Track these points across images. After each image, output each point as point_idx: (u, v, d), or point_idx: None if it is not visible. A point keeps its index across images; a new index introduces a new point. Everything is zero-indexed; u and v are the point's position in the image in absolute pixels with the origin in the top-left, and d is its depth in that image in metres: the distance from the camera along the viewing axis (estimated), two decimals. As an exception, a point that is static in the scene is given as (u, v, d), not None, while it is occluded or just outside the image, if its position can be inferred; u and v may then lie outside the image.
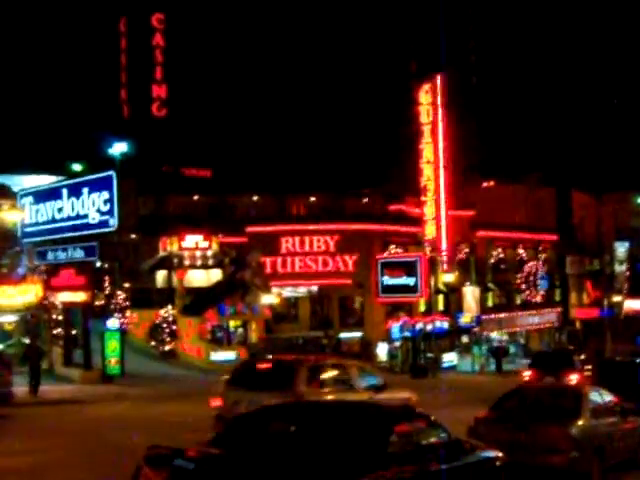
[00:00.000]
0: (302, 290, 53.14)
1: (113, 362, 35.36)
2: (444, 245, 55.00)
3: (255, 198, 69.60)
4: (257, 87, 73.30)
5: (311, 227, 52.69)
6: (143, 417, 24.10)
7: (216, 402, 17.47)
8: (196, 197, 68.19)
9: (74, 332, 36.93)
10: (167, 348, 44.76)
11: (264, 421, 9.38)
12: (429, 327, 49.09)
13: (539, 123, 78.46)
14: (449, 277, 54.96)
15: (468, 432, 13.85)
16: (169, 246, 50.28)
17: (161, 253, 51.23)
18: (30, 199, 35.97)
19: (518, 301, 63.21)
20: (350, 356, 47.86)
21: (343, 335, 51.09)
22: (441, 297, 55.42)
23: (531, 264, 63.23)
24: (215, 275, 50.85)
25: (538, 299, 63.35)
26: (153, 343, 45.29)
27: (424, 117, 56.32)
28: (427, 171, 55.98)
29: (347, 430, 8.93)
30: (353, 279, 51.38)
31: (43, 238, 35.46)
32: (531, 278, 63.03)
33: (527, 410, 14.71)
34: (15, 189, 39.63)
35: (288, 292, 52.89)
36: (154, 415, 24.60)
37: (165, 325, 44.98)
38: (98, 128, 57.45)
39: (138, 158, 53.46)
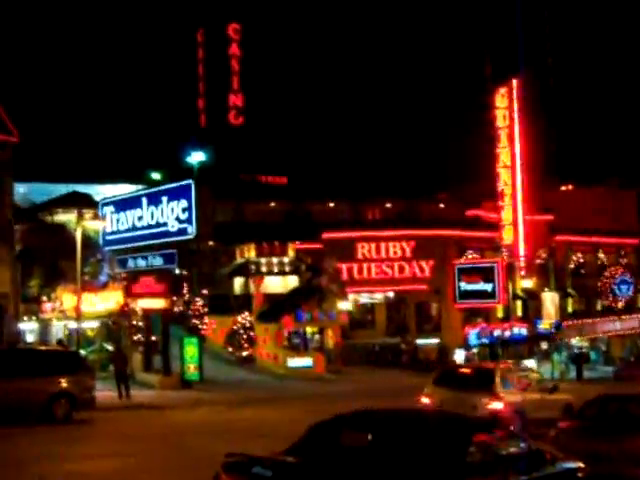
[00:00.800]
0: (378, 296, 53.05)
1: (192, 368, 35.77)
2: (522, 250, 54.26)
3: (331, 205, 69.77)
4: (332, 94, 73.47)
5: (387, 233, 52.55)
6: (221, 422, 24.33)
7: (425, 400, 20.14)
8: (272, 204, 68.70)
9: (154, 338, 37.50)
10: (244, 354, 45.13)
11: (341, 430, 9.36)
12: (507, 333, 48.46)
13: (618, 125, 76.81)
14: (527, 283, 54.19)
15: (550, 442, 13.59)
16: (246, 253, 50.79)
17: (238, 260, 51.78)
18: (111, 208, 36.71)
19: (599, 307, 61.90)
20: (427, 363, 47.61)
21: (420, 341, 50.81)
22: (519, 303, 54.65)
23: (612, 269, 61.85)
24: (292, 282, 51.14)
25: (620, 305, 61.91)
26: (230, 349, 45.72)
27: (500, 121, 55.70)
28: (504, 175, 55.34)
29: (425, 440, 8.86)
30: (429, 285, 51.06)
31: (124, 246, 36.14)
32: (612, 283, 61.66)
33: (612, 420, 14.34)
34: (96, 198, 40.51)
35: (364, 298, 52.86)
36: (232, 421, 24.81)
37: (242, 331, 45.36)
38: (176, 137, 58.39)
39: (216, 166, 54.18)
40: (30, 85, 64.20)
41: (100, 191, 50.68)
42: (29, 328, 40.43)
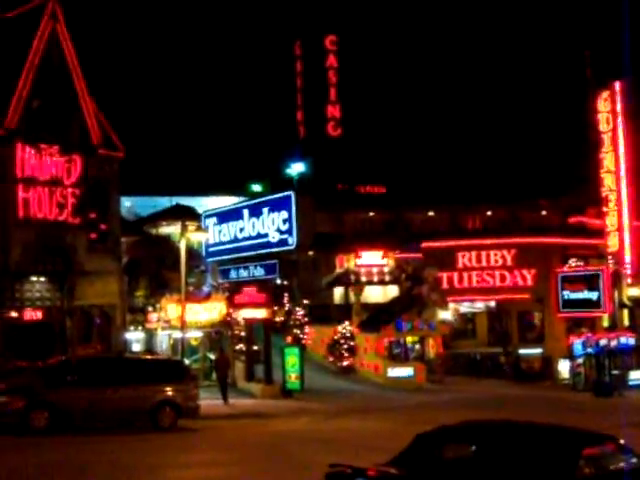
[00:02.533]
0: (479, 305, 52.36)
1: (293, 377, 36.04)
2: (628, 257, 52.69)
3: (430, 213, 69.36)
4: (429, 102, 73.11)
5: (488, 241, 51.83)
6: (323, 432, 24.42)
7: None
8: (371, 214, 68.73)
9: (256, 347, 37.93)
10: (345, 364, 45.18)
11: (445, 441, 9.30)
12: (613, 343, 47.07)
13: None
14: (634, 291, 52.58)
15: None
16: (346, 263, 50.90)
17: (338, 270, 51.94)
18: (214, 220, 37.38)
19: None
20: (529, 373, 46.73)
21: (522, 351, 49.88)
22: (626, 312, 53.09)
23: None
24: (392, 291, 50.98)
25: None
26: (331, 359, 45.85)
27: (603, 125, 54.31)
28: (608, 181, 53.91)
29: (532, 453, 8.71)
30: (532, 294, 50.11)
31: (226, 257, 36.72)
32: None
33: None
34: (199, 210, 41.28)
35: (465, 307, 52.26)
36: (334, 430, 24.88)
37: (343, 341, 45.44)
38: (276, 149, 59.12)
39: (315, 177, 54.68)
40: (134, 100, 66.01)
41: (202, 203, 51.66)
42: (135, 337, 41.43)
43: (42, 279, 33.77)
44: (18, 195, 32.04)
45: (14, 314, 32.60)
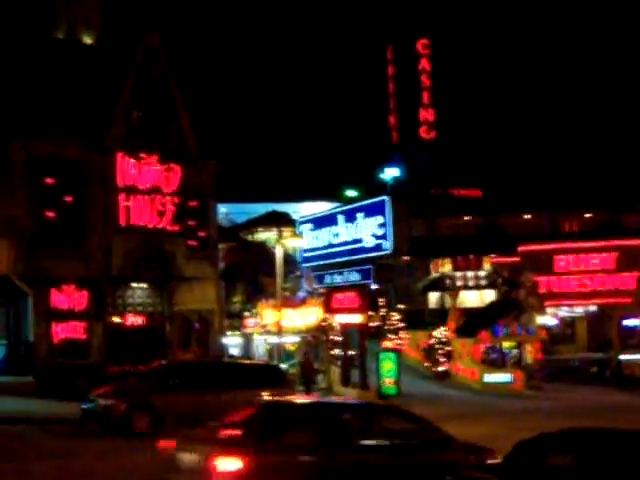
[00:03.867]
0: (579, 310, 51.31)
1: (388, 382, 35.98)
2: None
3: (526, 216, 68.22)
4: (524, 104, 72.05)
5: (587, 244, 50.81)
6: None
7: None
8: (466, 218, 68.04)
9: (351, 352, 38.02)
10: (441, 369, 44.88)
11: (546, 450, 9.15)
12: None
13: None
14: None
15: None
16: (441, 267, 50.61)
17: (433, 274, 51.68)
18: (308, 225, 37.63)
19: None
20: (632, 379, 45.49)
21: (624, 357, 48.63)
22: None
23: None
24: (488, 296, 50.42)
25: None
26: (427, 364, 45.60)
27: None
28: None
29: (632, 463, 8.51)
30: (635, 297, 48.84)
31: (321, 262, 36.92)
32: None
33: None
34: (294, 216, 41.64)
35: (564, 312, 51.27)
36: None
37: (439, 346, 45.16)
38: (370, 154, 59.20)
39: (409, 181, 54.52)
40: (229, 109, 67.08)
41: (297, 209, 52.08)
42: (232, 342, 42.10)
43: (143, 285, 34.66)
44: (120, 203, 32.96)
45: (117, 319, 33.54)
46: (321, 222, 37.03)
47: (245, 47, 75.50)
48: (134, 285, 34.38)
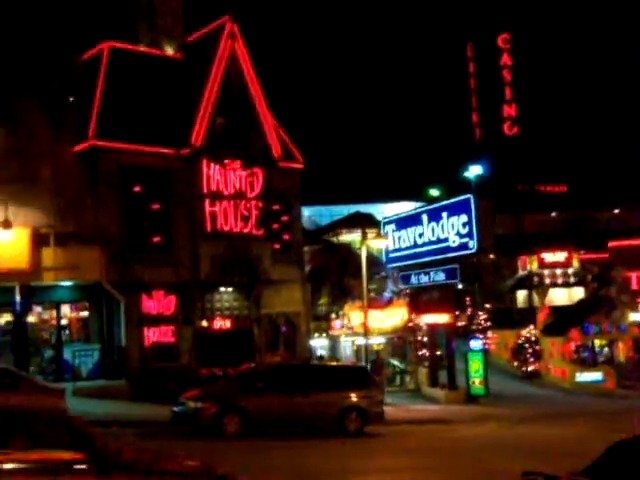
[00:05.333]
0: (674, 306, 49.83)
1: (477, 382, 35.65)
2: None
3: (615, 211, 66.68)
4: (609, 96, 70.50)
5: (680, 238, 49.40)
6: (511, 438, 24.05)
7: None
8: (553, 214, 66.92)
9: (438, 353, 37.81)
10: (530, 368, 44.23)
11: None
12: None
13: None
14: None
15: None
16: (528, 265, 49.83)
17: (520, 272, 50.92)
18: (392, 226, 37.60)
19: None
20: None
21: None
22: None
23: None
24: (577, 293, 49.45)
25: None
26: (516, 363, 45.00)
27: None
28: None
29: None
30: None
31: (406, 263, 36.84)
32: None
33: None
34: (377, 217, 41.60)
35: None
36: (521, 436, 24.44)
37: (527, 345, 44.52)
38: (453, 152, 58.76)
39: (493, 179, 53.88)
40: (311, 112, 67.45)
41: (380, 210, 52.07)
42: (319, 344, 42.31)
43: (230, 289, 35.11)
44: (205, 210, 33.47)
45: (205, 324, 34.07)
46: (405, 222, 36.95)
47: (328, 49, 75.77)
48: (221, 289, 34.87)
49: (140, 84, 33.87)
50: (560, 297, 49.29)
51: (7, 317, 31.74)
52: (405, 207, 46.96)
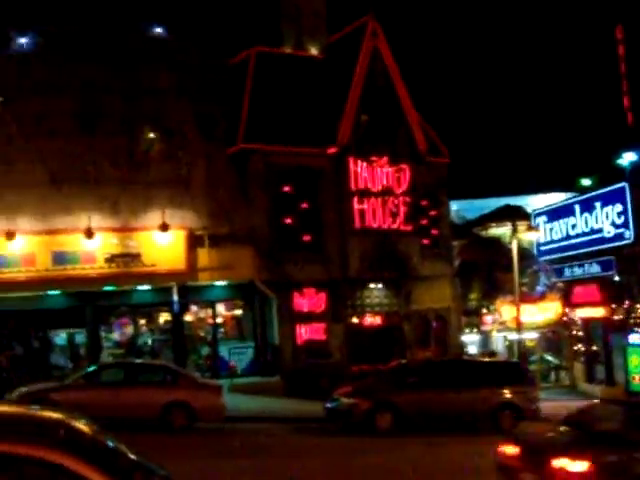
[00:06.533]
0: None
1: (637, 378, 34.25)
2: None
3: None
4: None
5: None
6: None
7: None
8: None
9: (595, 348, 36.69)
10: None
11: None
12: None
13: None
14: None
15: None
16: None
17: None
18: (543, 218, 36.79)
19: None
20: None
21: None
22: None
23: None
24: None
25: None
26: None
27: None
28: None
29: None
30: None
31: (558, 255, 35.97)
32: None
33: None
34: (528, 209, 40.78)
35: None
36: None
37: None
38: (604, 140, 56.78)
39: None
40: (456, 105, 66.73)
41: (529, 202, 50.83)
42: (470, 340, 41.84)
43: (379, 286, 35.24)
44: (354, 207, 33.73)
45: (355, 320, 34.34)
46: (556, 214, 36.11)
47: (470, 39, 74.80)
48: (371, 286, 35.04)
49: (286, 85, 34.48)
50: None
51: (165, 316, 33.06)
52: (555, 198, 45.68)
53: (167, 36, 32.89)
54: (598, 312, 34.31)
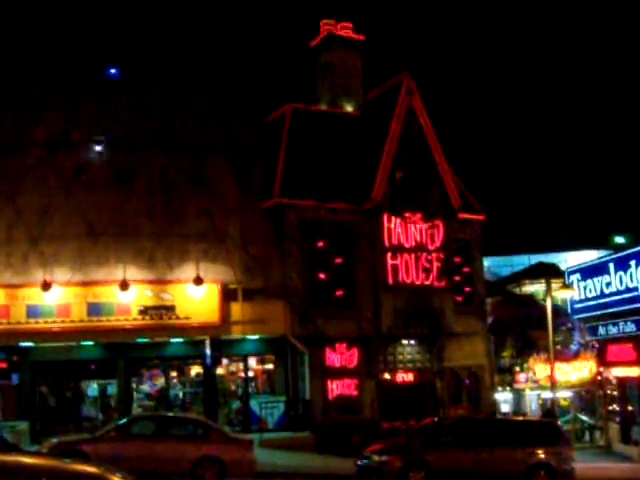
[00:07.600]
0: None
1: (675, 440, 33.70)
2: None
3: None
4: None
5: None
6: None
7: None
8: None
9: (630, 408, 36.09)
10: None
11: None
12: None
13: None
14: None
15: None
16: None
17: None
18: (577, 276, 36.54)
19: None
20: None
21: None
22: None
23: None
24: None
25: None
26: None
27: None
28: None
29: None
30: None
31: (592, 314, 35.64)
32: None
33: None
34: (561, 267, 40.59)
35: None
36: None
37: None
38: (637, 197, 56.55)
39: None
40: (488, 163, 66.99)
41: (562, 259, 50.68)
42: (503, 398, 41.38)
43: (412, 342, 35.12)
44: (387, 263, 33.79)
45: (387, 376, 34.16)
46: (590, 271, 35.84)
47: (502, 98, 75.29)
48: (403, 342, 34.92)
49: (321, 142, 34.91)
50: None
51: (197, 369, 33.08)
52: (588, 256, 45.46)
53: (206, 92, 33.48)
54: (633, 371, 33.82)
